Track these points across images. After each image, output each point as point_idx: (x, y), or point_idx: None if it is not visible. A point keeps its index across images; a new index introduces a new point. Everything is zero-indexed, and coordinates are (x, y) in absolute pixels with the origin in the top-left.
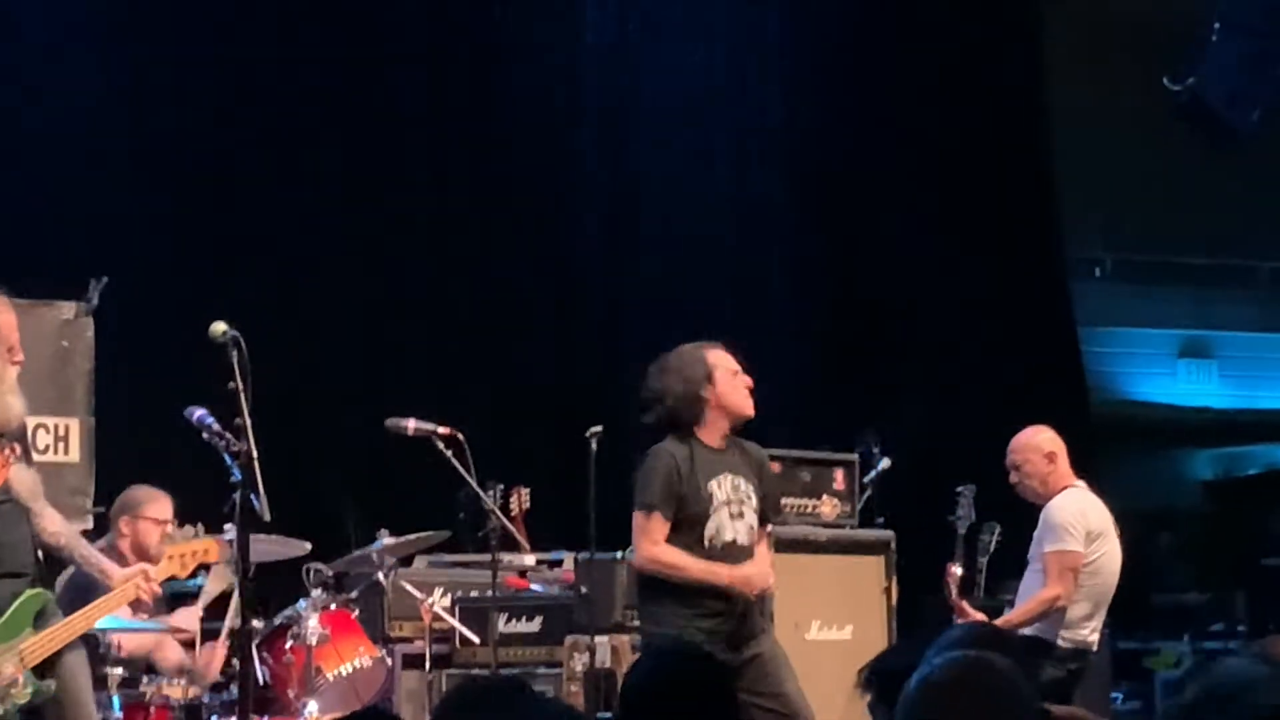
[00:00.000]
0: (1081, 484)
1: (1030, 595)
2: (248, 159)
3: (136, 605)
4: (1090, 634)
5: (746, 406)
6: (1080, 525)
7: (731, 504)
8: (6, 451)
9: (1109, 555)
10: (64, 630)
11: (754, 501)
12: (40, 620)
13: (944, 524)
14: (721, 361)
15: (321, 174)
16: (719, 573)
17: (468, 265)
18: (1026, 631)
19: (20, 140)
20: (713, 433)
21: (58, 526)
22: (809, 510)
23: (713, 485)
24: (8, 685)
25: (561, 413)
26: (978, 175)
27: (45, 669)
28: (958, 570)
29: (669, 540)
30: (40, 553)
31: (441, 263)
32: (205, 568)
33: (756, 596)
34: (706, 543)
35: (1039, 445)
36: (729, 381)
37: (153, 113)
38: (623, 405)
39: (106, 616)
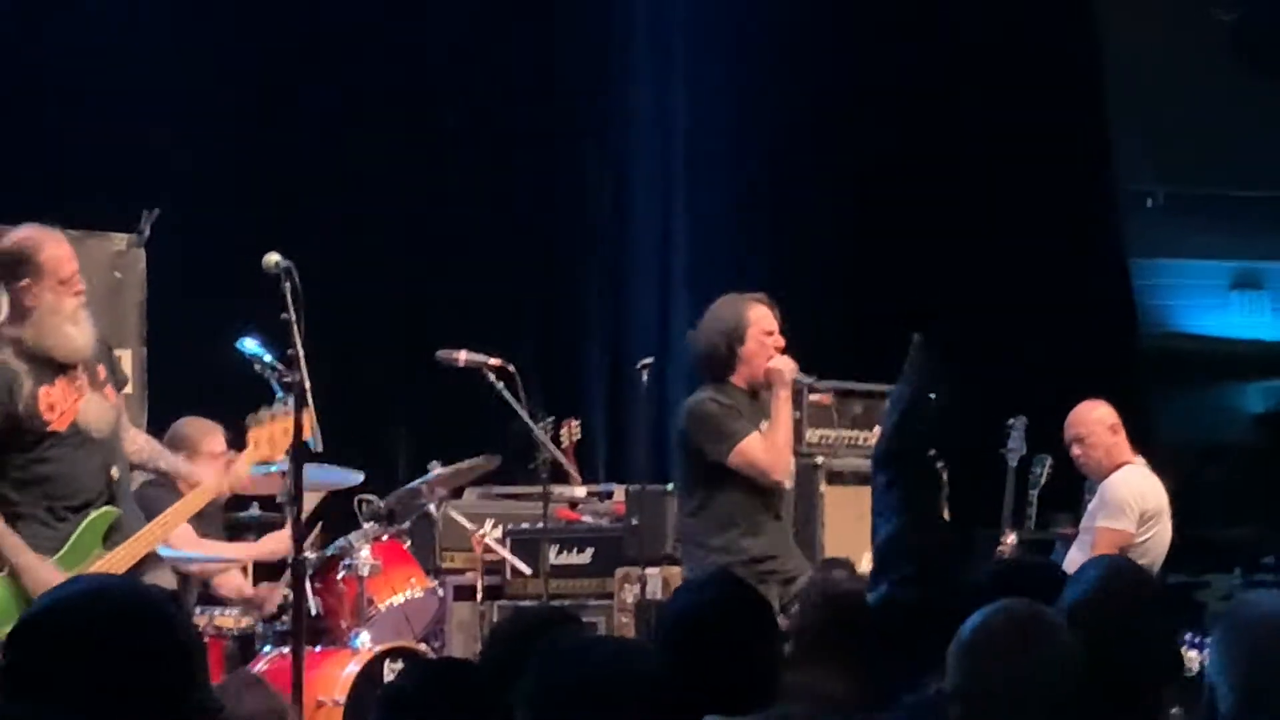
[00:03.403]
0: (1141, 460)
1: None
2: (303, 88)
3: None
4: None
5: (761, 373)
6: (1137, 505)
7: None
8: (80, 381)
9: (1158, 537)
10: (138, 544)
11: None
12: (110, 539)
13: (995, 456)
14: (759, 319)
15: (376, 104)
16: (779, 402)
17: (521, 195)
18: None
19: (73, 70)
20: (743, 380)
21: (139, 444)
22: (860, 442)
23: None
24: None
25: (612, 344)
26: (1028, 105)
27: None
28: (1012, 539)
29: (729, 496)
30: (115, 476)
31: (494, 193)
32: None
33: None
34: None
35: (1102, 418)
36: (759, 341)
37: (208, 42)
38: (673, 337)
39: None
